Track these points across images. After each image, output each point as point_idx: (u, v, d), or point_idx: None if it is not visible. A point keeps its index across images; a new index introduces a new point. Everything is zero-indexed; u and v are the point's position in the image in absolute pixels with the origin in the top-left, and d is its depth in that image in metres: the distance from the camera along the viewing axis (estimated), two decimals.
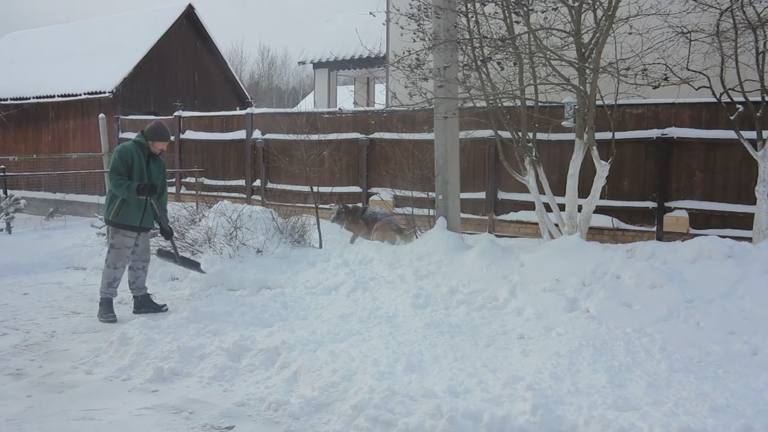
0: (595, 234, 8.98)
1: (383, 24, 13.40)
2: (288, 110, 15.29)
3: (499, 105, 8.39)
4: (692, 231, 8.75)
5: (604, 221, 9.33)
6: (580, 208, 7.72)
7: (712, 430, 3.42)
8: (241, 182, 14.05)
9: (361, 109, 13.24)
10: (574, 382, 4.27)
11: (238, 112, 15.20)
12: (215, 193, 13.66)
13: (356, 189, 12.13)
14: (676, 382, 4.28)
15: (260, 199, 13.35)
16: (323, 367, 4.46)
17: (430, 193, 8.80)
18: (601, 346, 5.01)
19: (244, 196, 13.73)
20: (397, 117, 11.39)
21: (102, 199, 14.32)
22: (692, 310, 5.55)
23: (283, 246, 8.01)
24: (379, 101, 19.03)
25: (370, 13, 9.10)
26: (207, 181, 14.56)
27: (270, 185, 13.52)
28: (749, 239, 7.49)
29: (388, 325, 5.63)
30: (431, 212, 8.54)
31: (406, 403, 3.89)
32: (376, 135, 11.87)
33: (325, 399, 4.12)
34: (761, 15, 7.31)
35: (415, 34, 8.38)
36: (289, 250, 7.95)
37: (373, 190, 11.81)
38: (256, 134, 13.75)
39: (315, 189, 9.07)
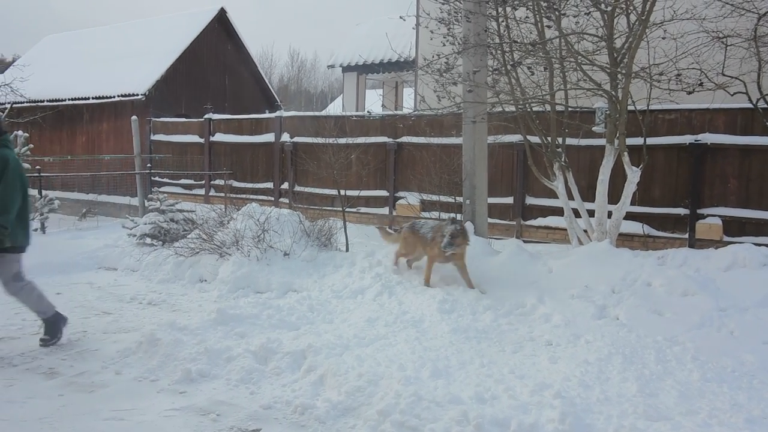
0: (625, 241, 8.85)
1: (413, 28, 13.45)
2: (316, 113, 15.38)
3: (529, 110, 8.32)
4: (726, 239, 8.57)
5: (635, 228, 9.19)
6: (609, 215, 7.62)
7: None
8: (269, 185, 14.16)
9: (390, 112, 13.23)
10: (603, 390, 4.21)
11: (268, 115, 15.35)
12: (243, 196, 13.78)
13: (383, 193, 12.13)
14: (709, 392, 4.19)
15: (288, 202, 13.43)
16: (349, 372, 4.46)
17: (457, 198, 8.76)
18: (631, 354, 4.92)
19: (272, 198, 13.84)
20: (425, 121, 11.39)
21: (134, 201, 14.61)
22: (726, 318, 5.44)
23: (310, 249, 8.04)
24: (408, 105, 19.03)
25: (400, 17, 9.11)
26: (236, 184, 14.70)
27: (298, 188, 13.60)
28: None
29: (414, 329, 5.60)
30: (459, 217, 8.50)
31: (433, 408, 3.86)
32: (404, 139, 11.87)
33: (351, 403, 4.11)
34: None
35: (444, 38, 8.37)
36: (316, 254, 7.98)
37: (401, 194, 11.80)
38: (285, 137, 13.85)
39: (342, 192, 9.07)
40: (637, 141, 8.25)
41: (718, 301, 5.72)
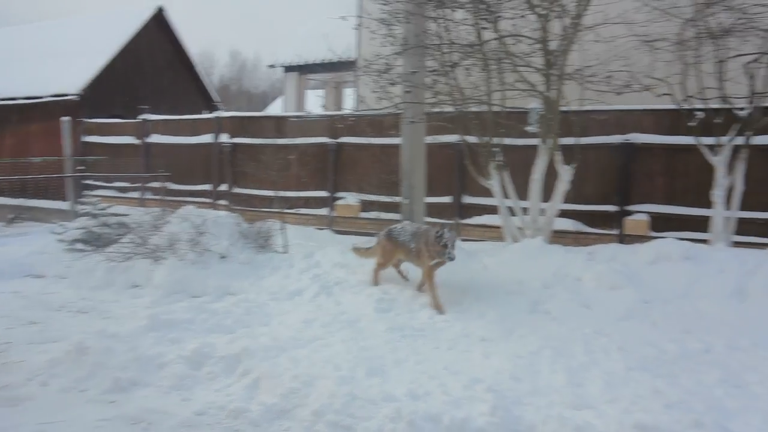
0: (558, 237, 9.08)
1: (353, 29, 13.47)
2: (255, 114, 15.23)
3: (466, 110, 8.45)
4: (652, 234, 8.91)
5: (568, 225, 9.46)
6: (544, 212, 7.83)
7: (665, 426, 3.49)
8: (208, 187, 13.92)
9: (328, 113, 13.22)
10: (533, 382, 4.32)
11: (206, 115, 15.09)
12: (181, 198, 13.50)
13: (323, 193, 12.09)
14: (632, 381, 4.36)
15: (226, 204, 13.24)
16: (284, 374, 4.43)
17: (396, 198, 8.82)
18: (560, 346, 5.08)
19: (210, 201, 13.61)
20: (365, 122, 11.42)
21: (65, 205, 14.10)
22: (650, 310, 5.67)
23: (248, 251, 7.96)
24: (350, 106, 19.06)
25: (341, 18, 9.13)
26: (173, 186, 14.38)
27: (236, 190, 13.41)
28: (707, 242, 7.65)
29: (351, 329, 5.61)
30: (397, 216, 8.56)
31: (367, 407, 3.89)
32: (344, 139, 11.87)
33: (285, 405, 4.09)
34: (722, 25, 7.48)
35: (384, 38, 8.42)
36: (254, 256, 7.91)
37: (340, 194, 11.80)
38: (224, 138, 13.64)
39: (281, 193, 9.01)
40: (571, 141, 8.49)
41: (643, 294, 5.96)
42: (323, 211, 12.00)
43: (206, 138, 13.97)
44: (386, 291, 6.57)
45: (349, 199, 10.93)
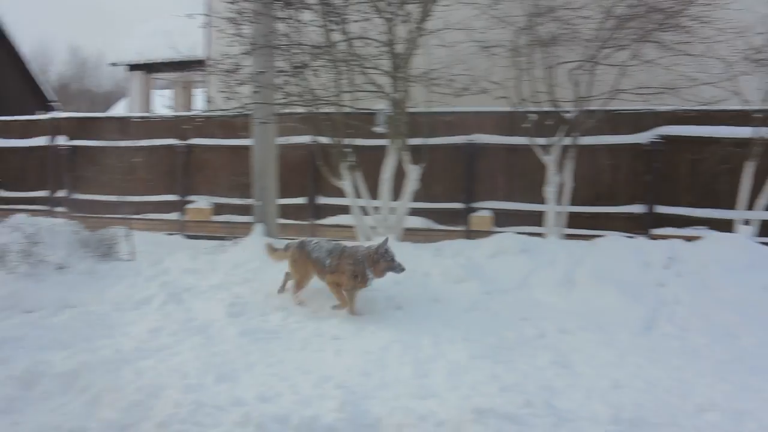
0: (410, 234, 9.36)
1: (200, 27, 13.06)
2: (97, 115, 14.32)
3: (318, 111, 8.50)
4: (496, 229, 9.49)
5: (419, 222, 9.83)
6: (395, 211, 8.07)
7: (500, 407, 3.73)
8: (44, 193, 12.87)
9: (175, 113, 12.74)
10: (382, 376, 4.45)
11: (40, 116, 13.92)
12: (13, 206, 12.36)
13: (173, 197, 11.62)
14: (474, 368, 4.61)
15: (65, 210, 12.31)
16: (127, 386, 4.22)
17: (249, 200, 8.69)
18: (409, 340, 5.25)
19: (48, 208, 12.60)
20: (216, 123, 11.14)
21: None
22: (491, 301, 6.05)
23: (89, 261, 7.47)
24: (200, 106, 18.46)
25: (188, 15, 8.84)
26: (3, 194, 13.14)
27: (77, 196, 12.51)
28: (543, 235, 8.27)
29: (201, 336, 5.45)
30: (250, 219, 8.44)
31: (214, 414, 3.81)
32: (194, 141, 11.49)
33: (128, 420, 3.89)
34: (550, 34, 8.11)
35: (233, 38, 8.25)
36: (96, 265, 7.44)
37: (191, 198, 11.41)
38: (61, 140, 12.68)
39: (126, 199, 8.55)
40: (419, 141, 8.81)
41: (485, 285, 6.34)
42: (173, 216, 11.53)
43: (41, 140, 12.91)
44: (239, 295, 6.46)
45: (200, 202, 10.61)
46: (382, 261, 5.85)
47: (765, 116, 7.91)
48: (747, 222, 8.03)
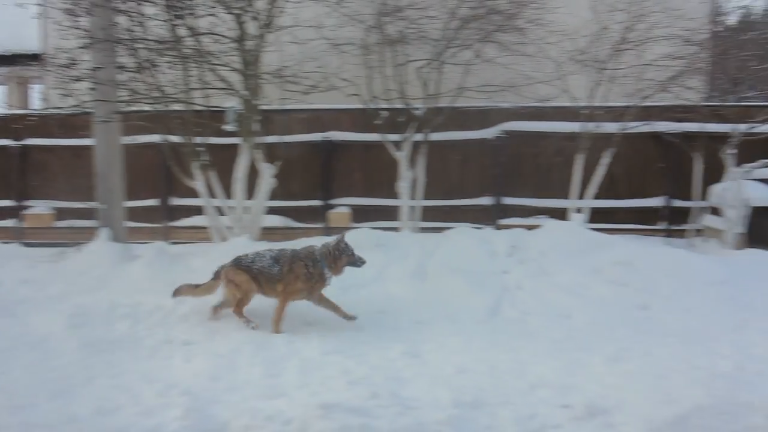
0: (269, 234, 9.23)
1: (35, 18, 12.06)
2: None
3: (167, 109, 8.14)
4: (354, 225, 9.60)
5: (277, 221, 9.73)
6: (252, 210, 7.94)
7: (346, 401, 3.78)
8: None
9: (6, 112, 11.69)
10: (231, 379, 4.35)
11: None
12: None
13: (8, 203, 10.64)
14: (326, 364, 4.63)
15: None
16: None
17: (93, 203, 8.17)
18: (262, 341, 5.19)
19: None
20: (55, 121, 10.32)
21: None
22: (347, 296, 6.10)
23: None
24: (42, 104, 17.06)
25: (19, 5, 8.16)
26: None
27: None
28: (398, 229, 8.51)
29: (36, 351, 5.04)
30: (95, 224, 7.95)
31: None
32: (30, 141, 10.60)
33: None
34: (399, 32, 8.31)
35: (69, 31, 7.70)
36: None
37: (29, 203, 10.52)
38: None
39: None
40: (275, 139, 8.72)
41: (341, 281, 6.34)
42: (9, 223, 10.58)
43: None
44: (81, 305, 6.04)
45: (40, 207, 9.82)
46: (344, 256, 5.67)
47: (591, 112, 8.64)
48: (579, 210, 8.74)
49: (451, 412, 3.72)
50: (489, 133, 9.91)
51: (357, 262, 5.75)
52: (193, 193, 9.58)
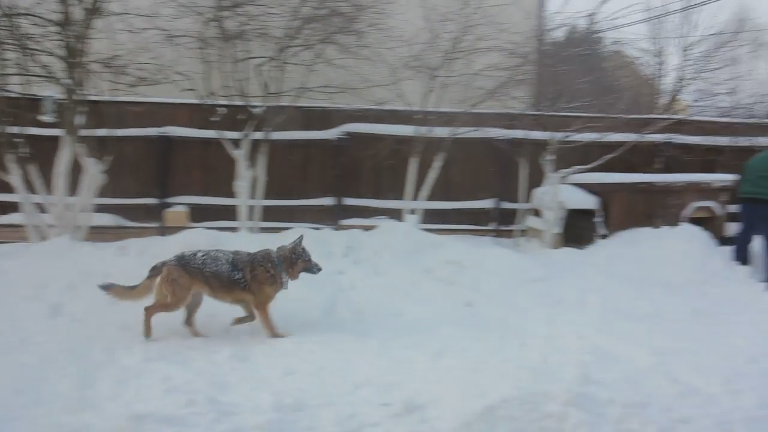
0: (97, 233, 8.65)
1: None
2: None
3: None
4: (192, 225, 9.26)
5: (107, 220, 9.17)
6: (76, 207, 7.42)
7: (160, 410, 3.61)
8: None
9: None
10: (37, 392, 4.05)
11: None
12: None
13: None
14: (145, 372, 4.42)
15: None
16: None
17: None
18: (80, 349, 4.90)
19: None
20: None
21: None
22: None
23: None
24: None
25: None
26: None
27: None
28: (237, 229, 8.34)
29: None
30: None
31: None
32: None
33: None
34: (238, 28, 8.11)
35: None
36: None
37: None
38: None
39: None
40: (104, 132, 8.16)
41: None
42: None
43: None
44: None
45: None
46: (300, 261, 5.47)
47: (424, 117, 9.01)
48: (413, 211, 9.10)
49: (271, 416, 3.71)
50: (331, 133, 10.00)
51: (313, 268, 5.61)
52: (8, 188, 8.79)
